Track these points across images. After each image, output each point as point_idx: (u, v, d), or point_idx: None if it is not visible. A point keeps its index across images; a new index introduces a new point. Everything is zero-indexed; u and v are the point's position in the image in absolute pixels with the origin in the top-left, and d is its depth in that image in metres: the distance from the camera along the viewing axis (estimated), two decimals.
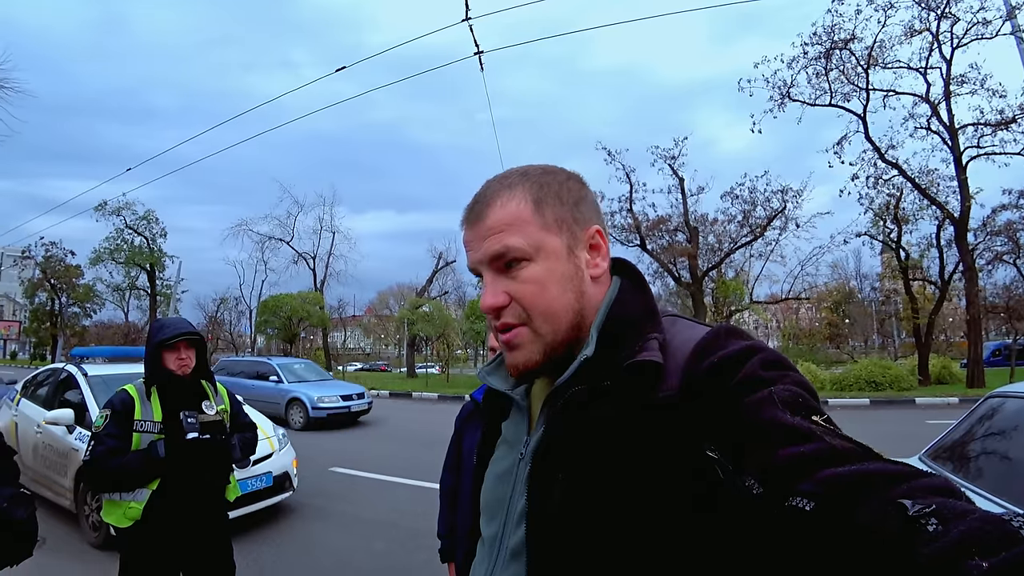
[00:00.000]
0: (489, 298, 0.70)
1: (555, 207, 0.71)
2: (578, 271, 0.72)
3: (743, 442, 0.55)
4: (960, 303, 24.25)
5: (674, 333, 0.69)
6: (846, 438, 0.53)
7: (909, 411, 12.76)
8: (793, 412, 0.55)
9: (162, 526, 2.24)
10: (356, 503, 5.79)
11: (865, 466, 0.48)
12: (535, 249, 0.69)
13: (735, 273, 24.41)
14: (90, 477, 2.25)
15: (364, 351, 67.79)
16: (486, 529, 0.78)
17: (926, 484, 0.46)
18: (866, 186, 18.53)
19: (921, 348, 19.01)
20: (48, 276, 37.30)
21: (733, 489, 0.55)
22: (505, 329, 0.71)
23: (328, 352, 31.95)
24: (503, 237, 0.69)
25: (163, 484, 2.26)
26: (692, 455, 0.58)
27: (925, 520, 0.42)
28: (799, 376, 0.61)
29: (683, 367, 0.63)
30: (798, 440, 0.52)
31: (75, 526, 4.68)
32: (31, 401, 5.73)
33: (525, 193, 0.71)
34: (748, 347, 0.63)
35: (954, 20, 15.58)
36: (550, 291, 0.69)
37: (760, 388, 0.57)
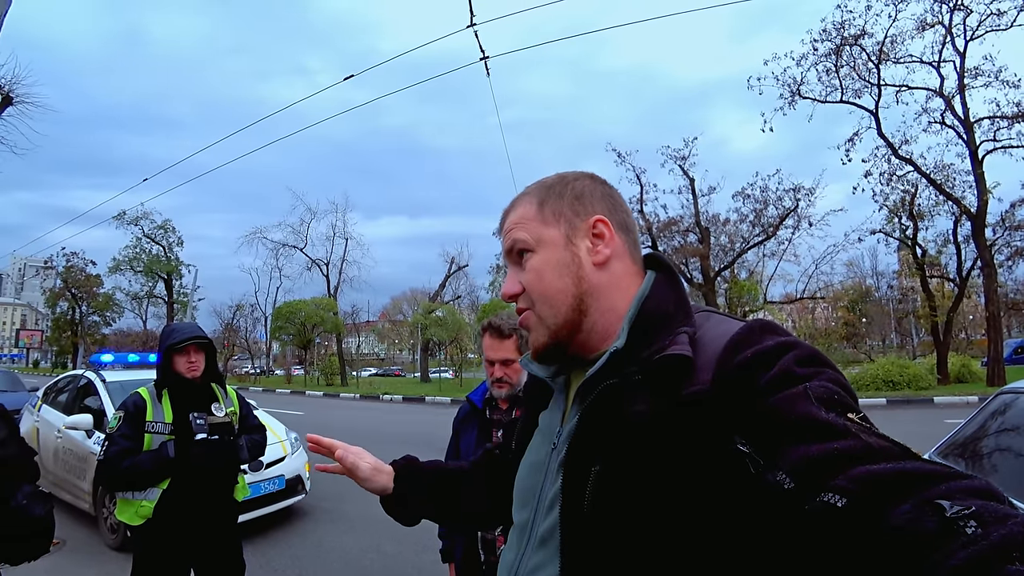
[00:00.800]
0: (505, 286, 0.81)
1: (554, 203, 0.79)
2: (575, 258, 0.76)
3: (776, 437, 0.55)
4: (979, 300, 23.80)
5: (707, 328, 0.69)
6: (882, 436, 0.52)
7: (927, 411, 12.54)
8: (828, 408, 0.54)
9: (173, 524, 2.31)
10: (367, 505, 5.81)
11: (902, 465, 0.47)
12: (536, 241, 0.78)
13: (748, 273, 24.21)
14: (104, 476, 2.34)
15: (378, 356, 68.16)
16: (518, 516, 0.80)
17: (966, 486, 0.45)
18: (880, 183, 18.34)
19: (940, 346, 18.67)
20: (69, 286, 38.15)
21: (764, 484, 0.54)
22: (521, 313, 0.80)
23: (342, 358, 32.17)
24: (512, 234, 0.80)
25: (173, 483, 2.34)
26: (723, 449, 0.58)
27: (964, 522, 0.41)
28: (835, 373, 0.60)
29: (716, 361, 0.63)
30: (832, 436, 0.52)
31: (94, 528, 4.79)
32: (52, 407, 5.87)
33: (532, 197, 0.81)
34: (783, 343, 0.63)
35: (967, 12, 15.37)
36: (547, 277, 0.76)
37: (794, 384, 0.57)
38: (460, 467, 1.07)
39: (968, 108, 16.17)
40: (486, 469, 1.04)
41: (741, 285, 22.95)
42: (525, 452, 0.84)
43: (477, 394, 2.06)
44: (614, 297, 0.76)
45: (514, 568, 0.76)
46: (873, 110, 17.36)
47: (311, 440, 1.03)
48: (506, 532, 1.84)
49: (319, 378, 32.27)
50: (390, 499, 1.03)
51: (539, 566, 0.71)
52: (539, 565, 0.71)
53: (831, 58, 17.19)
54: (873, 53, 16.74)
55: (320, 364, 34.33)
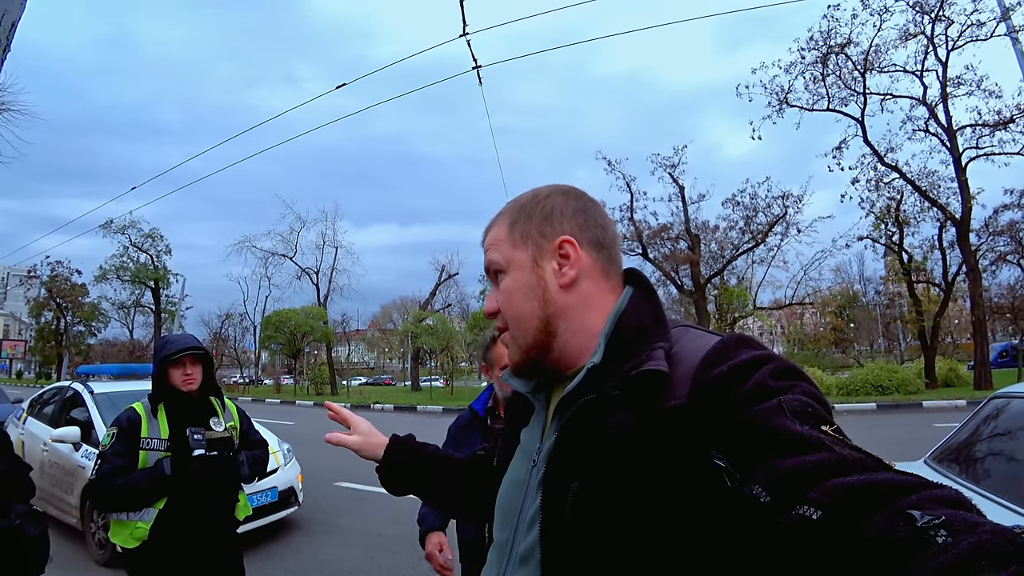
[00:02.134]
0: (487, 305, 0.84)
1: (523, 225, 0.79)
2: (540, 281, 0.77)
3: (751, 450, 0.55)
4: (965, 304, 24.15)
5: (684, 343, 0.69)
6: (855, 448, 0.53)
7: (916, 415, 12.67)
8: (802, 421, 0.55)
9: (170, 546, 2.19)
10: (362, 517, 5.77)
11: (874, 476, 0.48)
12: (507, 263, 0.79)
13: (738, 280, 24.41)
14: (96, 496, 2.21)
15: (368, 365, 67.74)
16: (498, 534, 0.80)
17: (936, 495, 0.45)
18: (867, 189, 18.58)
19: (927, 351, 18.88)
20: (54, 295, 37.59)
21: (741, 497, 0.55)
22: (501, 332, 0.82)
23: (332, 367, 31.93)
24: (488, 255, 0.82)
25: (170, 503, 2.22)
26: (700, 463, 0.59)
27: (934, 531, 0.41)
28: (809, 386, 0.61)
29: (692, 376, 0.63)
30: (806, 449, 0.52)
31: (81, 543, 4.69)
32: (37, 419, 5.76)
33: (506, 217, 0.82)
34: (758, 356, 0.63)
35: (948, 23, 15.67)
36: (515, 299, 0.78)
37: (769, 397, 0.58)
38: (452, 456, 1.10)
39: (951, 116, 16.50)
40: (468, 469, 1.06)
41: (731, 291, 23.12)
42: (507, 470, 0.84)
43: (479, 403, 2.06)
44: (585, 317, 0.76)
45: None
46: (859, 118, 17.64)
47: (329, 407, 1.14)
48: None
49: (309, 387, 32.00)
50: (379, 467, 1.08)
51: None
52: None
53: (817, 67, 17.46)
54: (858, 62, 17.03)
55: (310, 373, 34.05)
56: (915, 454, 3.05)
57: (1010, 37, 12.49)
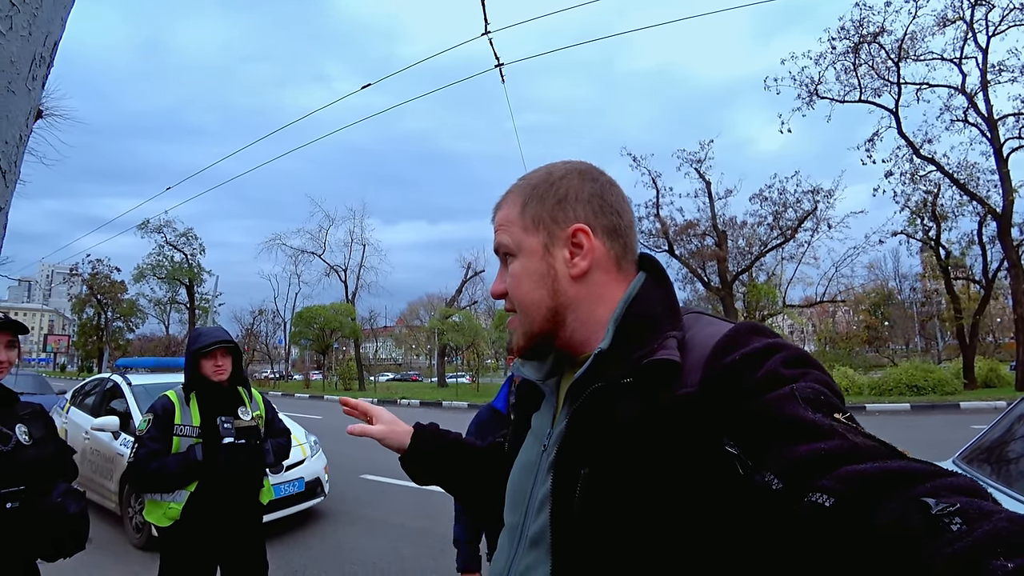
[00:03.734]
0: (494, 284, 0.82)
1: (535, 208, 0.77)
2: (551, 270, 0.75)
3: (763, 438, 0.55)
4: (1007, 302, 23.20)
5: (696, 330, 0.69)
6: (868, 436, 0.53)
7: (953, 416, 12.25)
8: (814, 409, 0.55)
9: (200, 526, 2.36)
10: (386, 509, 5.88)
11: (887, 464, 0.48)
12: (517, 247, 0.77)
13: (767, 276, 23.95)
14: (132, 478, 2.40)
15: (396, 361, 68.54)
16: (508, 517, 0.80)
17: (950, 483, 0.45)
18: (901, 183, 18.05)
19: (966, 350, 18.23)
20: (94, 292, 39.10)
21: (753, 485, 0.54)
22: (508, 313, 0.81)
23: (360, 363, 32.44)
24: (498, 236, 0.80)
25: (200, 486, 2.39)
26: (712, 451, 0.59)
27: (949, 519, 0.41)
28: (821, 374, 0.61)
29: (704, 364, 0.63)
30: (819, 437, 0.52)
31: (119, 527, 4.91)
32: (79, 409, 6.03)
33: (517, 197, 0.79)
34: (770, 345, 0.63)
35: (989, 7, 15.07)
36: (523, 286, 0.76)
37: (781, 385, 0.57)
38: (477, 445, 1.09)
39: (992, 105, 15.88)
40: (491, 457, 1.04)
41: (759, 288, 22.70)
42: (518, 454, 0.84)
43: (500, 401, 2.08)
44: (594, 308, 0.75)
45: (505, 570, 0.76)
46: (893, 109, 17.11)
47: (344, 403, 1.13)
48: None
49: (337, 383, 32.55)
50: (404, 456, 1.07)
51: (530, 567, 0.71)
52: (530, 566, 0.71)
53: (849, 56, 16.99)
54: (892, 51, 16.50)
55: (338, 369, 34.62)
56: (948, 456, 2.98)
57: None
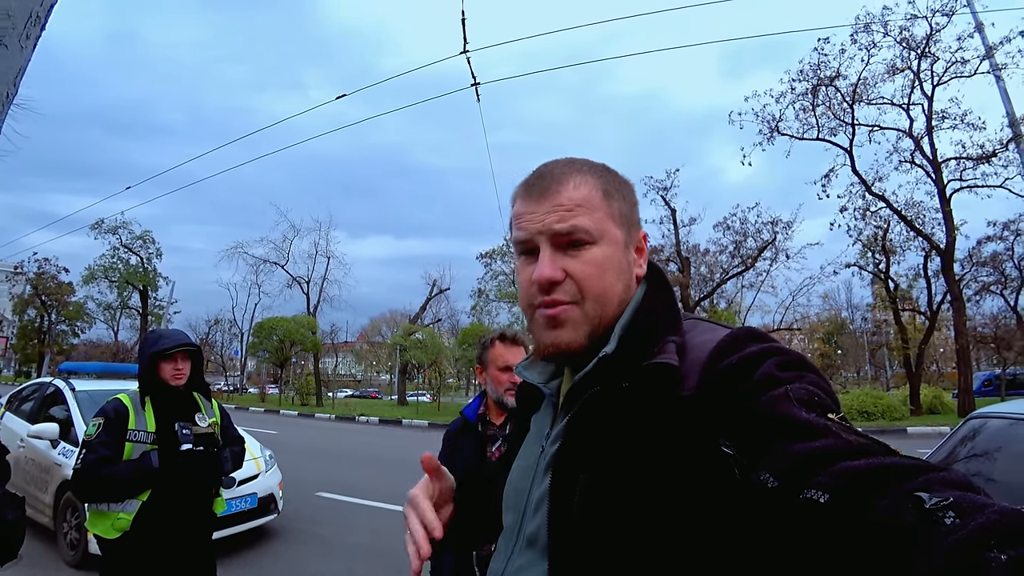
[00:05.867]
0: (548, 270, 0.70)
1: (620, 203, 0.76)
2: (630, 266, 0.77)
3: (759, 438, 0.56)
4: (950, 333, 24.43)
5: (694, 335, 0.70)
6: (861, 434, 0.54)
7: (901, 440, 12.72)
8: (808, 409, 0.56)
9: (150, 538, 2.20)
10: (341, 528, 5.69)
11: (880, 460, 0.49)
12: (600, 234, 0.72)
13: (727, 303, 24.60)
14: (80, 486, 2.20)
15: (355, 378, 67.12)
16: (506, 518, 0.80)
17: (943, 478, 0.46)
18: (854, 218, 18.90)
19: (912, 378, 19.07)
20: (39, 292, 37.02)
21: (749, 484, 0.55)
22: (551, 305, 0.71)
23: (319, 378, 31.61)
24: (572, 216, 0.71)
25: (153, 495, 2.23)
26: (708, 452, 0.59)
27: (942, 513, 0.42)
28: (817, 377, 0.62)
29: (701, 368, 0.64)
30: (813, 435, 0.53)
31: (52, 543, 4.58)
32: (15, 415, 5.66)
33: (597, 180, 0.74)
34: (766, 349, 0.64)
35: (934, 59, 16.15)
36: (607, 276, 0.72)
37: (776, 387, 0.58)
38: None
39: (936, 148, 16.92)
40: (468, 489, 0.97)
41: (720, 315, 23.25)
42: (516, 456, 0.84)
43: (471, 409, 2.07)
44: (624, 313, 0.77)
45: (501, 570, 0.76)
46: (847, 148, 18.03)
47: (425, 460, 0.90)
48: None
49: (294, 397, 31.63)
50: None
51: (526, 566, 0.71)
52: (526, 565, 0.71)
53: (807, 97, 17.86)
54: (847, 94, 17.44)
55: (296, 383, 33.67)
56: None
57: (993, 74, 12.89)
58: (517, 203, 0.76)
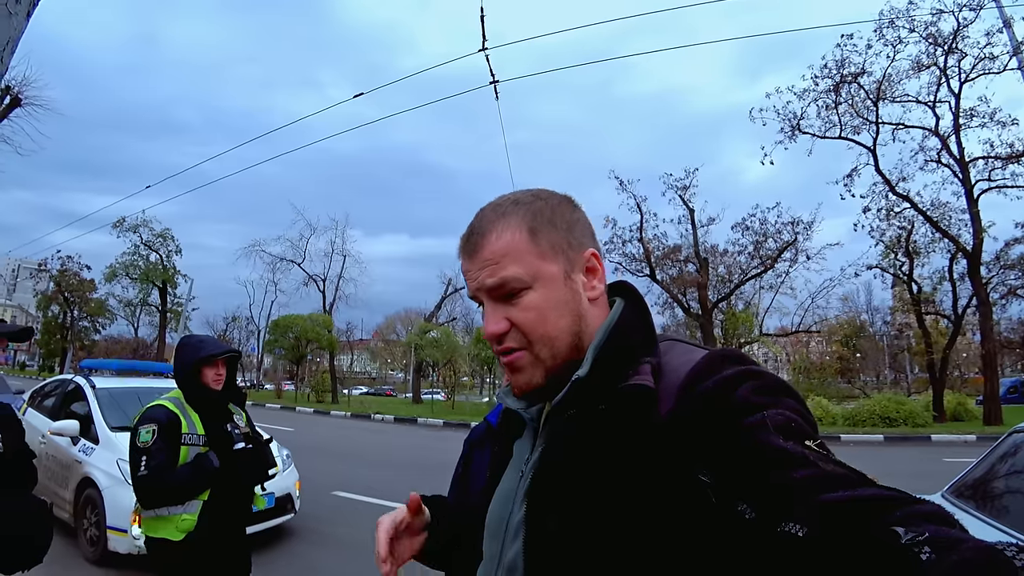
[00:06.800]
0: (491, 325, 0.72)
1: (550, 234, 0.72)
2: (575, 295, 0.73)
3: (735, 467, 0.55)
4: (974, 338, 23.87)
5: (671, 357, 0.69)
6: (839, 463, 0.53)
7: (925, 448, 12.45)
8: (786, 437, 0.55)
9: (211, 536, 2.32)
10: (357, 528, 5.67)
11: (857, 492, 0.48)
12: (532, 277, 0.71)
13: (745, 305, 24.29)
14: (147, 493, 2.24)
15: (370, 375, 67.63)
16: (487, 548, 0.79)
17: (919, 511, 0.46)
18: (877, 219, 18.53)
19: (935, 384, 18.68)
20: (62, 289, 37.88)
21: (726, 514, 0.55)
22: (506, 352, 0.73)
23: (334, 375, 31.88)
24: (500, 269, 0.71)
25: (212, 494, 2.34)
26: (685, 479, 0.59)
27: (918, 548, 0.41)
28: (794, 402, 0.61)
29: (677, 391, 0.63)
30: (791, 465, 0.52)
31: (72, 539, 4.61)
32: (37, 411, 5.74)
33: (520, 222, 0.72)
34: (743, 372, 0.62)
35: (961, 55, 15.74)
36: (549, 317, 0.71)
37: (753, 413, 0.57)
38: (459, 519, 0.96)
39: (963, 148, 16.47)
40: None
41: (737, 317, 23.00)
42: (499, 482, 0.82)
43: (495, 414, 1.99)
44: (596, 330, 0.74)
45: None
46: (871, 147, 17.65)
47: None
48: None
49: (310, 394, 31.92)
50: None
51: None
52: None
53: (830, 95, 17.52)
54: (871, 91, 17.08)
55: (311, 380, 33.96)
56: (927, 488, 2.97)
57: (1022, 71, 12.52)
58: (460, 260, 0.76)
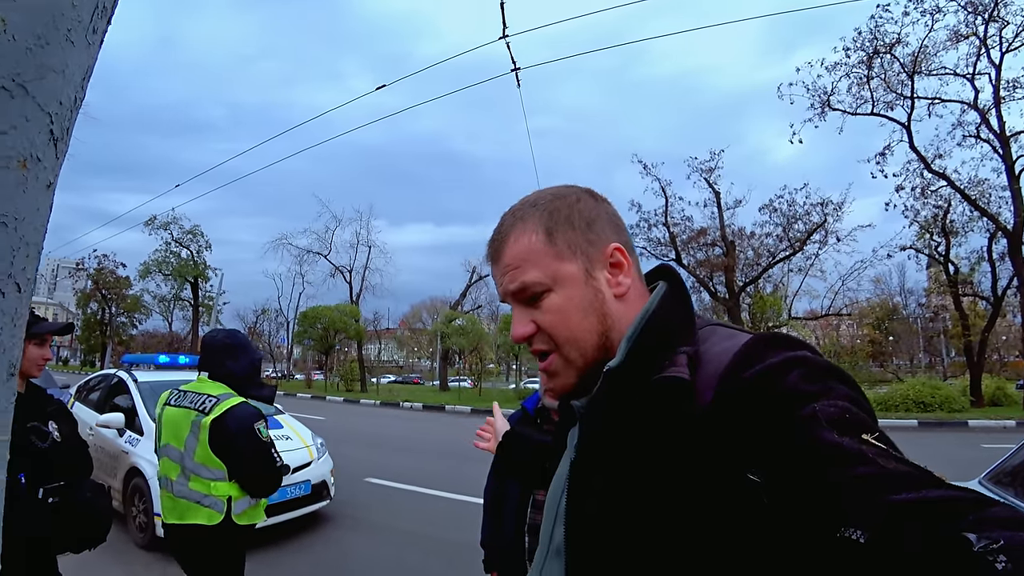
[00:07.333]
0: (517, 328, 0.73)
1: (567, 233, 0.72)
2: (598, 293, 0.72)
3: (786, 467, 0.52)
4: (1014, 320, 23.05)
5: (710, 344, 0.66)
6: (902, 460, 0.49)
7: (962, 434, 12.14)
8: (841, 431, 0.50)
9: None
10: (391, 514, 5.81)
11: (923, 493, 0.44)
12: (552, 279, 0.71)
13: (773, 288, 23.86)
14: (278, 482, 2.41)
15: (397, 364, 68.53)
16: (543, 531, 0.82)
17: (993, 515, 0.42)
18: (912, 198, 17.95)
19: (973, 367, 18.09)
20: (99, 287, 39.18)
21: (777, 516, 0.51)
22: (540, 355, 0.74)
23: (363, 364, 32.42)
24: (520, 273, 0.72)
25: None
26: (731, 477, 0.55)
27: (993, 557, 0.38)
28: (847, 388, 0.56)
29: (717, 381, 0.60)
30: (848, 464, 0.48)
31: (122, 526, 4.83)
32: (84, 405, 5.99)
33: (536, 225, 0.72)
34: (789, 359, 0.58)
35: (1003, 24, 15.02)
36: (572, 318, 0.71)
37: (803, 405, 0.53)
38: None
39: (1004, 121, 15.76)
40: None
41: (765, 300, 22.60)
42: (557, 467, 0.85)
43: (531, 402, 2.02)
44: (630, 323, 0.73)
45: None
46: (905, 123, 17.04)
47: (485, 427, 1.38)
48: None
49: (339, 384, 32.55)
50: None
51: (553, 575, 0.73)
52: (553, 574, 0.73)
53: (862, 68, 16.94)
54: (906, 64, 16.45)
55: (340, 370, 34.61)
56: (963, 475, 2.92)
57: None
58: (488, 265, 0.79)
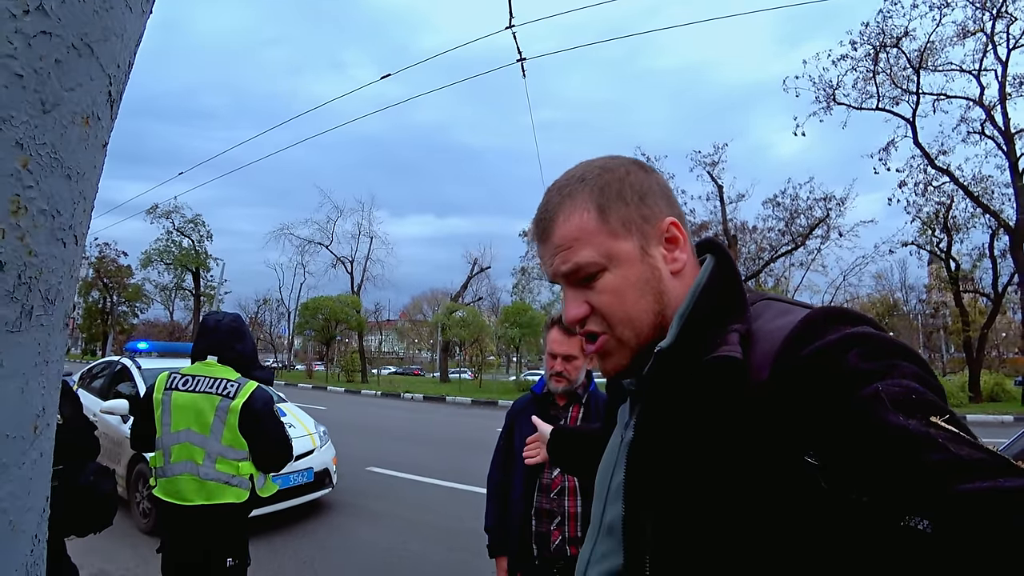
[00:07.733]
0: (571, 310, 0.70)
1: (620, 209, 0.68)
2: (655, 271, 0.69)
3: (847, 451, 0.49)
4: (1014, 317, 23.06)
5: (765, 320, 0.63)
6: (975, 445, 0.45)
7: None
8: (907, 413, 0.47)
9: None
10: (392, 502, 5.86)
11: (998, 483, 0.41)
12: (607, 258, 0.68)
13: (775, 282, 23.86)
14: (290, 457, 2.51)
15: (398, 355, 68.60)
16: (593, 509, 0.80)
17: None
18: (914, 193, 17.92)
19: (972, 363, 18.15)
20: (101, 276, 39.19)
21: (837, 502, 0.49)
22: (590, 337, 0.71)
23: (363, 355, 32.47)
24: (571, 255, 0.68)
25: None
26: (789, 460, 0.53)
27: None
28: (913, 366, 0.52)
29: (773, 360, 0.57)
30: (914, 448, 0.45)
31: (126, 511, 4.88)
32: (87, 391, 6.01)
33: (587, 201, 0.69)
34: (848, 336, 0.55)
35: (1010, 20, 14.94)
36: (628, 298, 0.68)
37: (864, 385, 0.50)
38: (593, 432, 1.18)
39: (1009, 118, 15.77)
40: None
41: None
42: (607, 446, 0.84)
43: (539, 387, 2.04)
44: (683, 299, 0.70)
45: (586, 556, 0.77)
46: (910, 118, 17.00)
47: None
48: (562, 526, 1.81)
49: (340, 374, 32.62)
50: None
51: (606, 554, 0.72)
52: (606, 553, 0.72)
53: (868, 62, 16.86)
54: (913, 58, 16.37)
55: (341, 360, 34.68)
56: None
57: None
58: (535, 245, 0.75)
